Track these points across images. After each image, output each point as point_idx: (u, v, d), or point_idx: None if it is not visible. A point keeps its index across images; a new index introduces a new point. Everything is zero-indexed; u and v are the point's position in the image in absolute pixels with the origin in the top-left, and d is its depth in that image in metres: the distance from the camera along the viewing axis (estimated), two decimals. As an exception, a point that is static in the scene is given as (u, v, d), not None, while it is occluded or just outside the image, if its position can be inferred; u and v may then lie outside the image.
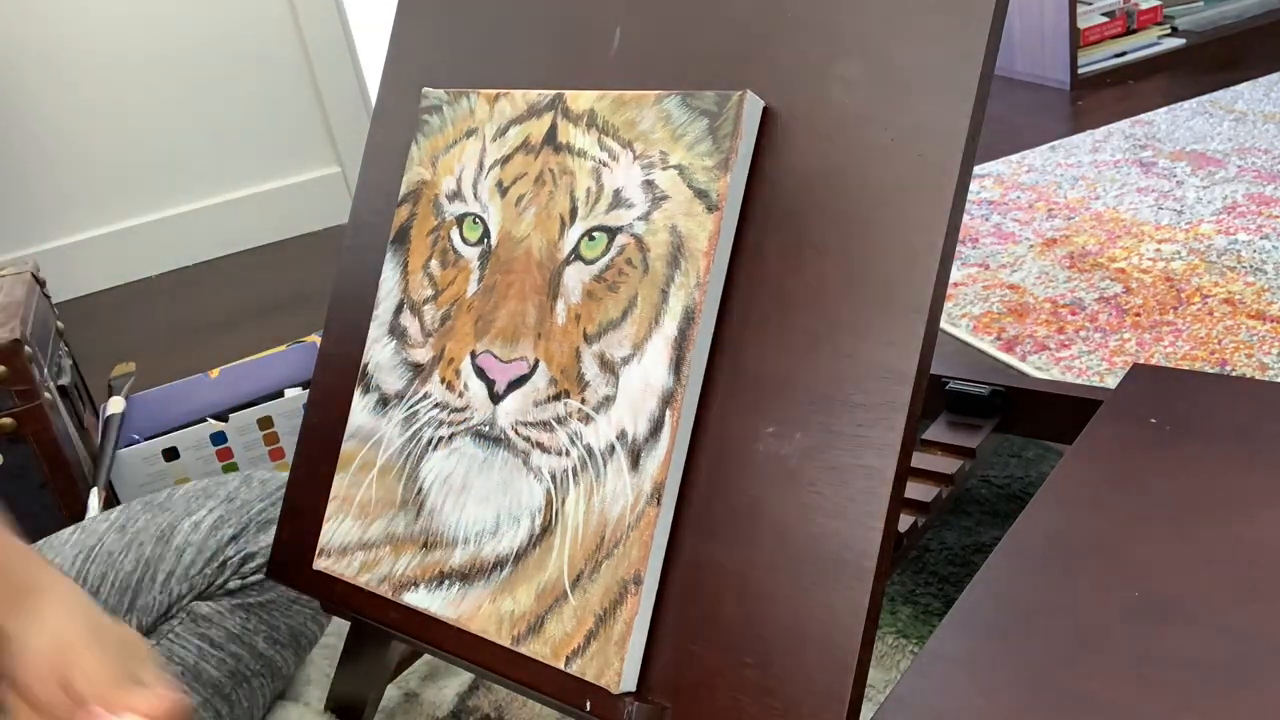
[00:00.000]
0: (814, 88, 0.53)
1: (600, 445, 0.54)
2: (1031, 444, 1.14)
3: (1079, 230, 1.66)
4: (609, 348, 0.55)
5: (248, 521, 0.83)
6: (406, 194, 0.65)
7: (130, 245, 2.28)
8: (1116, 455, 0.67)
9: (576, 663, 0.52)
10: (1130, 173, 1.84)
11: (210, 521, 0.82)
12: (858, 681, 0.47)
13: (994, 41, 0.49)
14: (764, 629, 0.50)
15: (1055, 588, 0.57)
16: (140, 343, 1.96)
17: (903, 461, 0.48)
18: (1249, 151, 1.83)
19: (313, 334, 1.43)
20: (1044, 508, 0.63)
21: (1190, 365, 1.24)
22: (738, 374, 0.53)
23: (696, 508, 0.53)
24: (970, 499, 1.08)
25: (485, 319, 0.59)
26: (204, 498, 0.84)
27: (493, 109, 0.62)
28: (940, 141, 0.49)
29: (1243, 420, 0.67)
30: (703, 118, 0.54)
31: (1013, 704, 0.50)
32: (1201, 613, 0.53)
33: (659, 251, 0.54)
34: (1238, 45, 2.45)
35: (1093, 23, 2.44)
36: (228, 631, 0.80)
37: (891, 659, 0.89)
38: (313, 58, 2.31)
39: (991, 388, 0.99)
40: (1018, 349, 1.36)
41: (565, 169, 0.58)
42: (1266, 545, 0.57)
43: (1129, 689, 0.49)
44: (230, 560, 0.81)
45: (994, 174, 1.94)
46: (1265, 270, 1.43)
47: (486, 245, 0.60)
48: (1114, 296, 1.44)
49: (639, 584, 0.52)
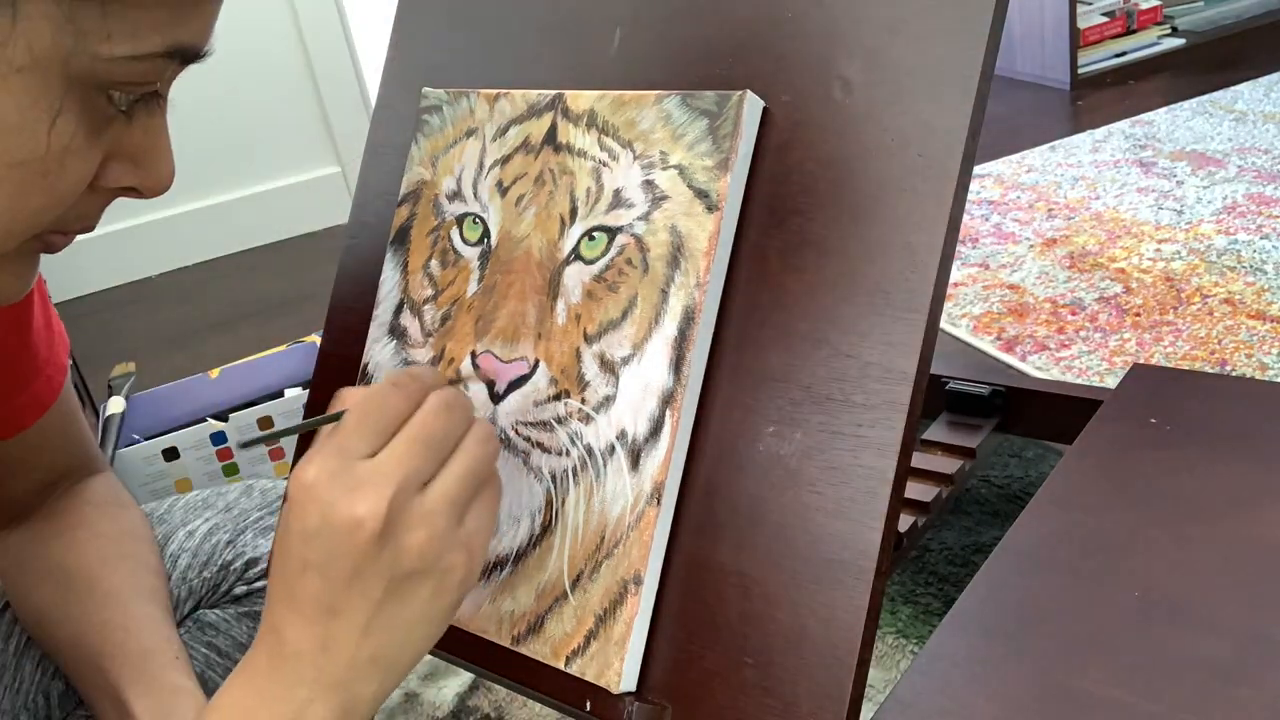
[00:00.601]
0: (814, 88, 0.53)
1: (600, 445, 0.54)
2: (1031, 444, 1.14)
3: (1079, 230, 1.66)
4: (609, 348, 0.55)
5: (244, 528, 0.82)
6: (406, 194, 0.65)
7: (130, 245, 2.28)
8: (1116, 455, 0.67)
9: (576, 663, 0.52)
10: (1130, 173, 1.84)
11: (205, 529, 0.82)
12: (858, 681, 0.47)
13: (994, 41, 0.49)
14: (764, 629, 0.50)
15: (1055, 588, 0.57)
16: (140, 343, 1.96)
17: (903, 461, 0.48)
18: (1249, 151, 1.83)
19: (313, 334, 1.43)
20: (1044, 508, 0.63)
21: (1190, 365, 1.24)
22: (738, 374, 0.53)
23: (696, 508, 0.53)
24: (970, 499, 1.08)
25: (485, 319, 0.59)
26: (202, 508, 0.84)
27: (493, 109, 0.62)
28: (940, 141, 0.49)
29: (1243, 420, 0.67)
30: (703, 118, 0.54)
31: (1013, 704, 0.50)
32: (1202, 613, 0.53)
33: (659, 251, 0.54)
34: (1238, 45, 2.45)
35: (1093, 23, 2.44)
36: (234, 640, 0.80)
37: (891, 659, 0.89)
38: (313, 58, 2.31)
39: (991, 388, 0.99)
40: (1018, 349, 1.36)
41: (565, 169, 0.58)
42: (1267, 545, 0.57)
43: (1129, 689, 0.49)
44: (233, 565, 0.81)
45: (994, 174, 1.94)
46: (1265, 270, 1.43)
47: (486, 245, 0.60)
48: (1114, 296, 1.44)
49: (639, 584, 0.52)
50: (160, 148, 0.48)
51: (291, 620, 0.46)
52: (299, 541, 0.45)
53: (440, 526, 0.46)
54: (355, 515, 0.44)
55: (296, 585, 0.45)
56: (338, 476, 0.45)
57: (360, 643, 0.45)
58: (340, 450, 0.45)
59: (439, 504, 0.46)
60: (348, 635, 0.45)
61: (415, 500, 0.45)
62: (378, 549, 0.44)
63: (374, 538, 0.44)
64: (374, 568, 0.45)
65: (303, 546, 0.45)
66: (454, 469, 0.47)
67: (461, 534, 0.47)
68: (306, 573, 0.45)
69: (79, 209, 0.48)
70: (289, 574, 0.46)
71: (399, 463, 0.45)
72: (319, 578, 0.45)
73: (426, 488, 0.46)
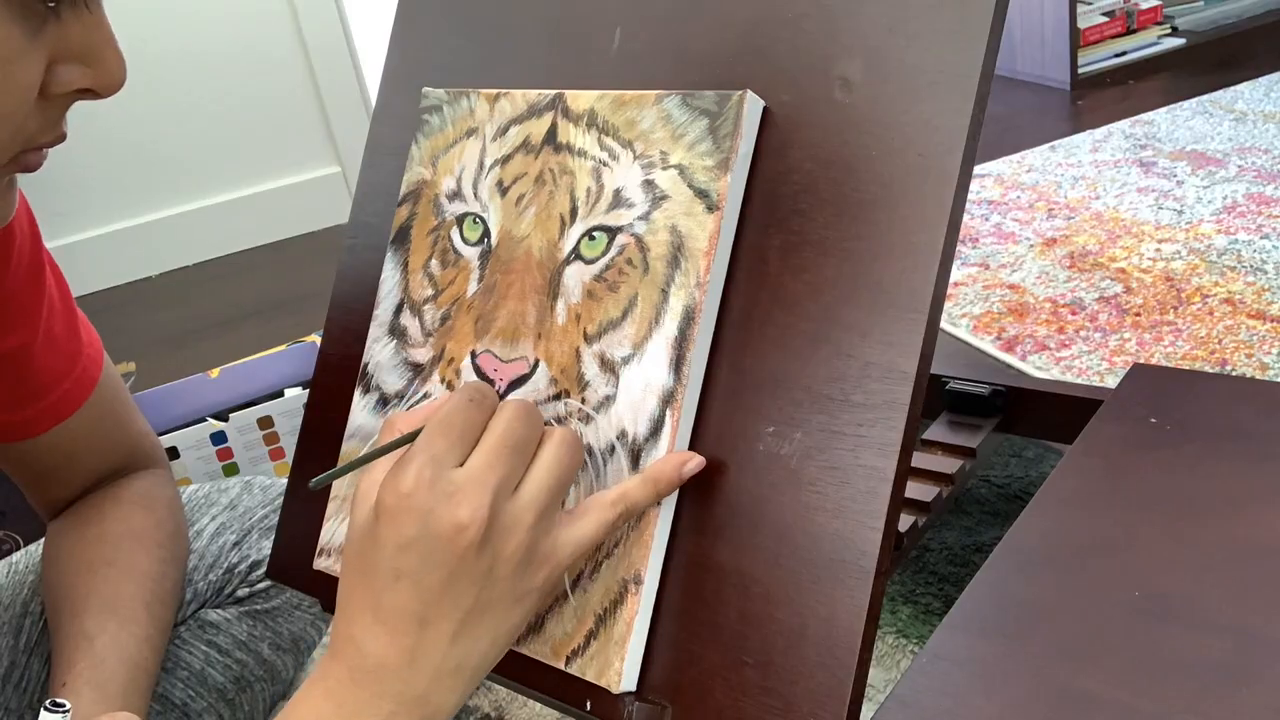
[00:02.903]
0: (814, 88, 0.53)
1: (600, 445, 0.54)
2: (1031, 444, 1.14)
3: (1079, 230, 1.66)
4: (609, 347, 0.55)
5: (250, 528, 0.83)
6: (406, 194, 0.65)
7: (130, 245, 2.28)
8: (1116, 455, 0.67)
9: (576, 662, 0.52)
10: (1130, 172, 1.84)
11: (212, 529, 0.82)
12: (858, 681, 0.47)
13: (994, 41, 0.49)
14: (764, 629, 0.50)
15: (1055, 588, 0.57)
16: (140, 343, 1.96)
17: (903, 461, 0.48)
18: (1249, 151, 1.83)
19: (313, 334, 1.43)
20: (1044, 508, 0.63)
21: (1190, 365, 1.24)
22: (738, 374, 0.53)
23: (696, 508, 0.53)
24: (970, 499, 1.08)
25: (485, 319, 0.59)
26: (206, 505, 0.84)
27: (493, 109, 0.62)
28: (940, 141, 0.49)
29: (1243, 420, 0.67)
30: (703, 117, 0.54)
31: (1013, 704, 0.50)
32: (1201, 613, 0.53)
33: (659, 251, 0.54)
34: (1238, 45, 2.45)
35: (1093, 23, 2.43)
36: (234, 638, 0.80)
37: (891, 659, 0.89)
38: (313, 58, 2.31)
39: (992, 387, 0.99)
40: (1018, 349, 1.36)
41: (565, 169, 0.58)
42: (1266, 545, 0.57)
43: (1129, 689, 0.49)
44: (237, 569, 0.81)
45: (994, 174, 1.94)
46: (1265, 270, 1.43)
47: (487, 245, 0.60)
48: (1114, 296, 1.44)
49: (639, 584, 0.52)
50: (103, 43, 0.48)
51: (377, 633, 0.45)
52: (393, 552, 0.45)
53: (529, 534, 0.46)
54: (458, 521, 0.44)
55: (385, 596, 0.45)
56: (435, 484, 0.44)
57: (447, 653, 0.45)
58: (433, 460, 0.45)
59: (528, 510, 0.46)
60: (436, 647, 0.45)
61: (509, 504, 0.46)
62: (477, 554, 0.44)
63: (476, 543, 0.44)
64: (470, 575, 0.45)
65: (397, 556, 0.45)
66: (539, 475, 0.47)
67: (547, 543, 0.47)
68: (399, 583, 0.45)
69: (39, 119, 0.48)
70: (377, 585, 0.45)
71: (491, 468, 0.45)
72: (412, 587, 0.45)
73: (516, 493, 0.46)
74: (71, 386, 0.71)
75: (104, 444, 0.75)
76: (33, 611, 0.75)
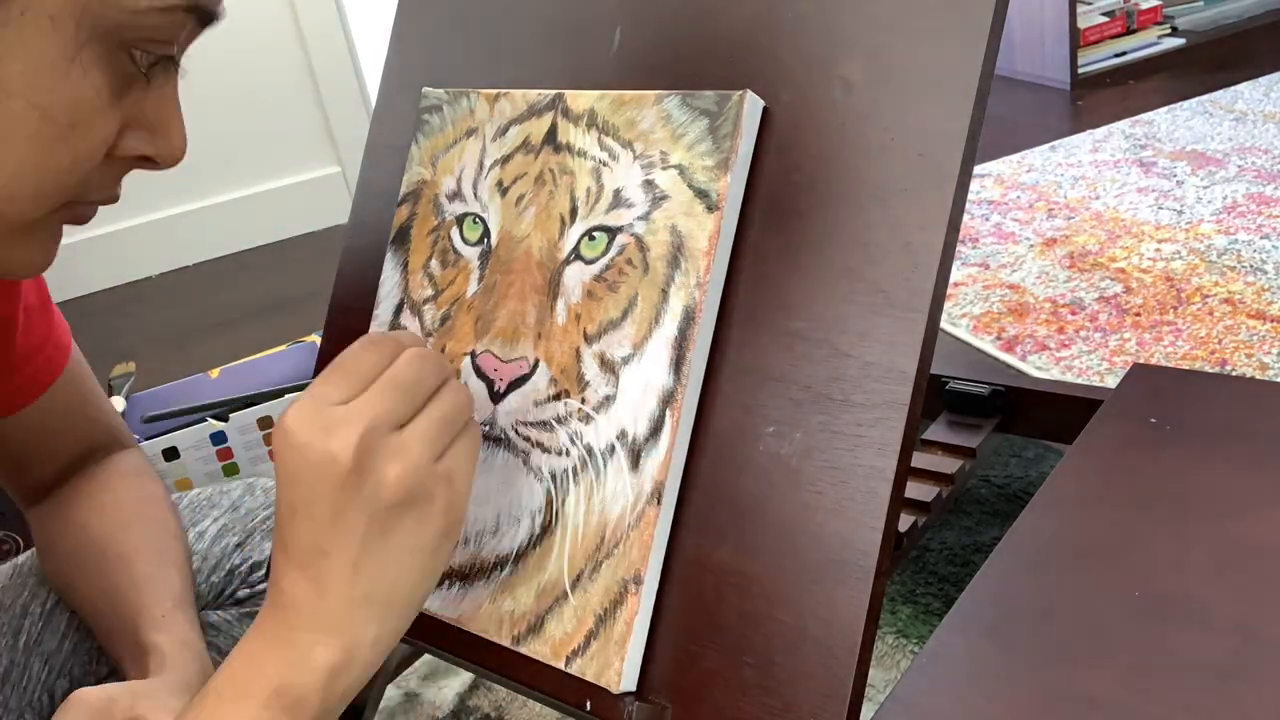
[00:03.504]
0: (814, 88, 0.53)
1: (600, 445, 0.54)
2: (1031, 444, 1.14)
3: (1079, 230, 1.66)
4: (609, 348, 0.55)
5: (252, 529, 0.83)
6: (406, 194, 0.65)
7: (130, 245, 2.28)
8: (1116, 455, 0.67)
9: (577, 662, 0.52)
10: (1130, 172, 1.84)
11: (214, 531, 0.82)
12: (858, 681, 0.47)
13: (994, 41, 0.49)
14: (764, 629, 0.50)
15: (1055, 588, 0.57)
16: (140, 343, 1.96)
17: (903, 461, 0.48)
18: (1249, 151, 1.83)
19: (313, 334, 1.43)
20: (1044, 508, 0.63)
21: (1190, 365, 1.24)
22: (738, 374, 0.53)
23: (696, 508, 0.53)
24: (970, 499, 1.08)
25: (485, 319, 0.59)
26: (208, 507, 0.85)
27: (493, 109, 0.62)
28: (940, 141, 0.49)
29: (1243, 420, 0.67)
30: (703, 117, 0.54)
31: (1012, 704, 0.50)
32: (1201, 613, 0.53)
33: (659, 251, 0.54)
34: (1238, 45, 2.45)
35: (1093, 23, 2.44)
36: (235, 640, 0.80)
37: (891, 659, 0.89)
38: (313, 58, 2.31)
39: (991, 387, 0.99)
40: (1018, 349, 1.36)
41: (565, 169, 0.58)
42: (1266, 545, 0.57)
43: (1129, 689, 0.49)
44: (238, 570, 0.81)
45: (994, 174, 1.94)
46: (1265, 270, 1.43)
47: (486, 245, 0.60)
48: (1114, 296, 1.44)
49: (639, 584, 0.52)
50: (174, 116, 0.51)
51: (287, 569, 0.47)
52: (284, 487, 0.47)
53: (416, 459, 0.47)
54: (329, 451, 0.45)
55: (287, 533, 0.47)
56: (313, 420, 0.46)
57: (352, 580, 0.47)
58: (314, 397, 0.47)
59: (413, 440, 0.47)
60: (339, 575, 0.46)
61: (390, 437, 0.47)
62: (356, 483, 0.45)
63: (348, 472, 0.45)
64: (354, 503, 0.46)
65: (287, 491, 0.46)
66: (429, 412, 0.48)
67: (440, 468, 0.48)
68: (295, 518, 0.46)
69: (99, 177, 0.50)
70: (281, 524, 0.47)
71: (370, 404, 0.47)
72: (305, 520, 0.46)
73: (402, 428, 0.47)
74: (53, 353, 0.72)
75: (82, 420, 0.76)
76: (32, 612, 0.75)
